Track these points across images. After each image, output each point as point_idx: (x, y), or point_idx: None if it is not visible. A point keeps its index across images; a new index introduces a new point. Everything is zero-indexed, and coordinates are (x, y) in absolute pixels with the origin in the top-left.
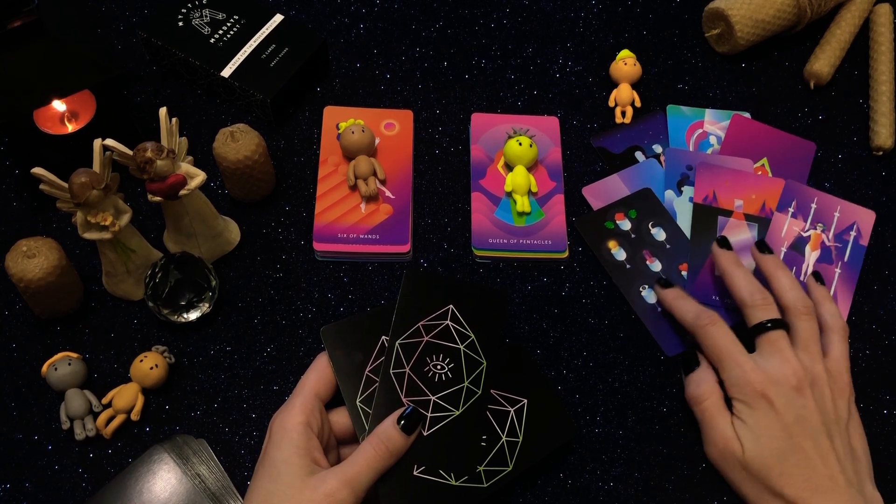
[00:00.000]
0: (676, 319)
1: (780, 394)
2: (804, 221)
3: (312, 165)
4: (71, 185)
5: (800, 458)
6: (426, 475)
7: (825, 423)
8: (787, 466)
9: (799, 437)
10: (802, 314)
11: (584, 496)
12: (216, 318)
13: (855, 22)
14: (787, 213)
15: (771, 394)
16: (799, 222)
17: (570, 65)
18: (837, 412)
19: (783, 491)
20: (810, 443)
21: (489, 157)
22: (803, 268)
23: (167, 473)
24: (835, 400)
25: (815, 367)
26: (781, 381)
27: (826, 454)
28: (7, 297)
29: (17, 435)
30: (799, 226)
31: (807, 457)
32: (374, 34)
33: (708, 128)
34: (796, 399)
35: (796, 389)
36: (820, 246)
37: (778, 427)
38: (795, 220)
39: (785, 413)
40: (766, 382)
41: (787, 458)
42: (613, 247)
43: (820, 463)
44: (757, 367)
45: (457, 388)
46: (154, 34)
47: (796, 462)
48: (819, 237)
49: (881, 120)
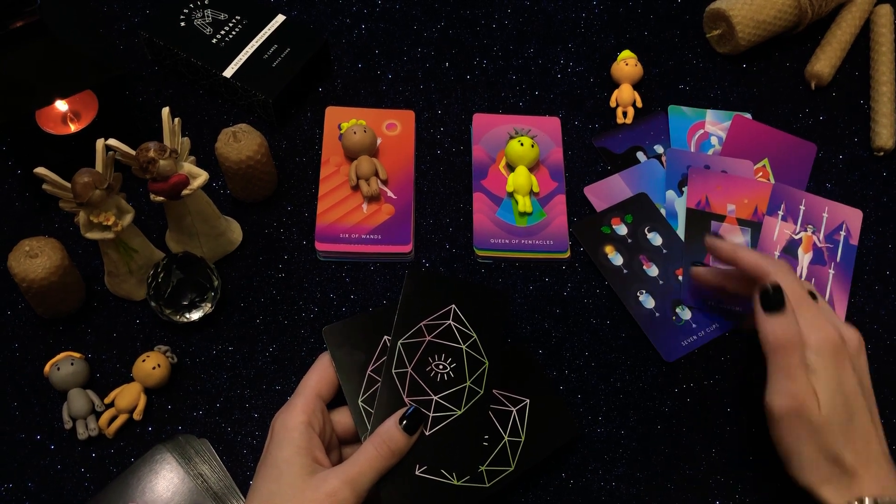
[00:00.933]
0: (743, 269)
1: (849, 351)
2: (794, 224)
3: (314, 165)
4: (73, 185)
5: (862, 424)
6: (428, 475)
7: (872, 393)
8: (853, 428)
9: (861, 404)
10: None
11: (586, 496)
12: (218, 318)
13: (856, 23)
14: (777, 217)
15: (842, 352)
16: (790, 225)
17: (571, 65)
18: (868, 375)
19: (843, 455)
20: (867, 412)
21: (491, 158)
22: (798, 270)
23: (169, 473)
24: (864, 360)
25: (841, 326)
26: (849, 340)
27: (878, 425)
28: (9, 296)
29: (20, 434)
30: (790, 228)
31: (866, 424)
32: (376, 34)
33: (709, 128)
34: (858, 361)
35: (858, 352)
36: (812, 247)
37: (849, 387)
38: (786, 223)
39: (851, 375)
40: (839, 340)
41: (854, 422)
42: (610, 252)
43: (874, 433)
44: (829, 322)
45: (459, 387)
46: (156, 34)
47: (860, 426)
48: (810, 239)
49: (882, 121)
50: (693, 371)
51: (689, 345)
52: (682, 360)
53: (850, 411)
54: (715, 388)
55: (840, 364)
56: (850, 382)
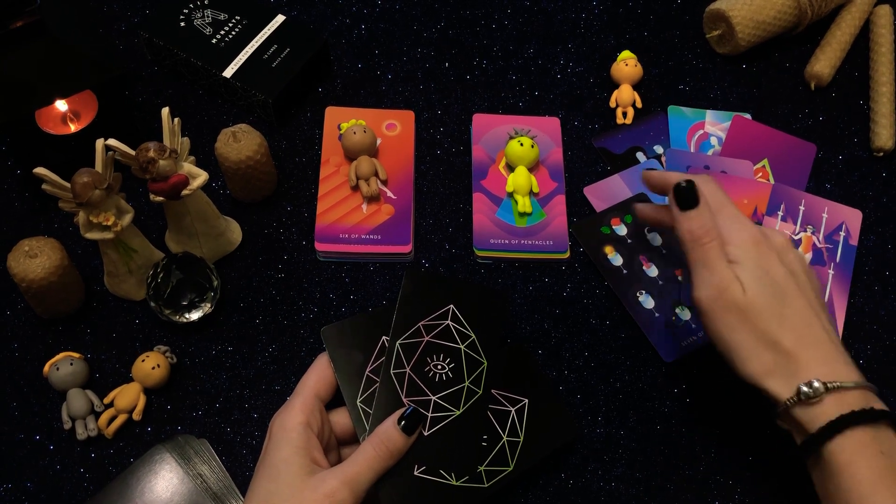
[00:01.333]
0: (664, 190)
1: (773, 246)
2: (794, 224)
3: (314, 166)
4: (73, 185)
5: (798, 307)
6: (427, 475)
7: (811, 282)
8: (788, 312)
9: (793, 288)
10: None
11: (585, 496)
12: (218, 319)
13: (855, 23)
14: (776, 217)
15: (765, 245)
16: (789, 225)
17: (571, 65)
18: (814, 275)
19: (781, 339)
20: (804, 297)
21: (490, 158)
22: None
23: (169, 473)
24: (801, 260)
25: (765, 228)
26: (771, 235)
27: (819, 311)
28: (9, 296)
29: (19, 435)
30: (790, 229)
31: (803, 308)
32: (376, 35)
33: (709, 129)
34: (787, 254)
35: (785, 248)
36: (812, 248)
37: (777, 274)
38: (786, 224)
39: (779, 264)
40: (760, 234)
41: (788, 303)
42: (610, 252)
43: (814, 317)
44: (750, 223)
45: (457, 388)
46: (156, 34)
47: (796, 309)
48: (810, 239)
49: (881, 121)
50: (692, 371)
51: (688, 345)
52: (682, 360)
53: (780, 294)
54: (714, 388)
55: (763, 253)
56: (777, 270)
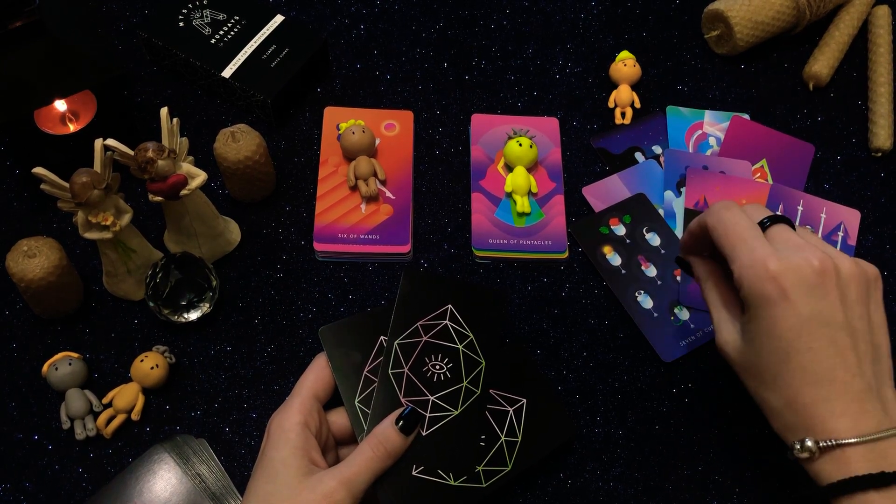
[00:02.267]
0: (696, 231)
1: (799, 282)
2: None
3: (313, 166)
4: (72, 185)
5: (807, 358)
6: (425, 475)
7: (848, 319)
8: (788, 368)
9: (810, 335)
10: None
11: (583, 496)
12: (216, 318)
13: (854, 24)
14: None
15: (787, 282)
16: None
17: (569, 66)
18: (865, 305)
19: (780, 391)
20: (825, 340)
21: (489, 158)
22: None
23: (167, 473)
24: (862, 290)
25: (839, 256)
26: (802, 266)
27: (843, 351)
28: (7, 296)
29: (18, 434)
30: None
31: (813, 358)
32: (375, 35)
33: (707, 129)
34: (817, 289)
35: (819, 275)
36: None
37: (786, 327)
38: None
39: (800, 305)
40: (782, 268)
41: (790, 361)
42: (608, 252)
43: (830, 362)
44: (774, 252)
45: (455, 387)
46: (155, 34)
47: (800, 364)
48: None
49: (880, 121)
50: (691, 371)
51: (687, 345)
52: (680, 360)
53: (785, 349)
54: (713, 388)
55: (785, 294)
56: (801, 311)
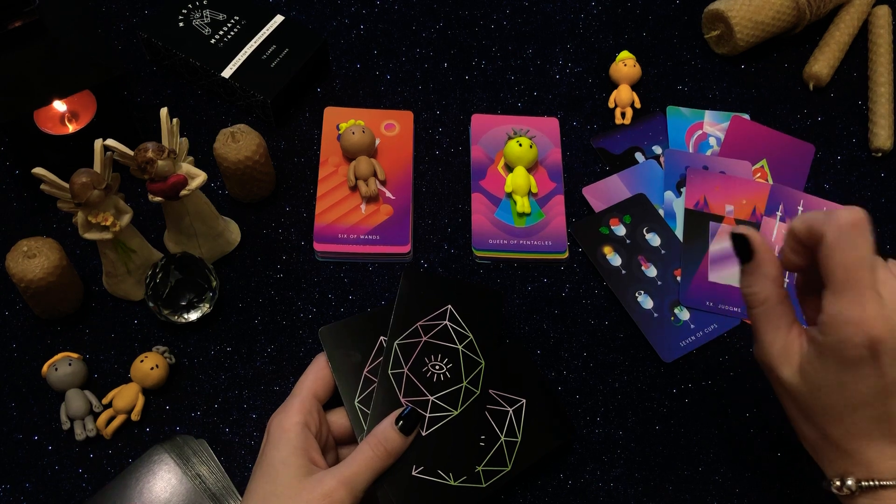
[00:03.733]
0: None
1: (894, 349)
2: None
3: (313, 166)
4: (72, 186)
5: (869, 414)
6: (425, 475)
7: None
8: (845, 414)
9: (883, 399)
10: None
11: (583, 496)
12: (216, 319)
13: (854, 24)
14: (775, 217)
15: (883, 347)
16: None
17: (569, 66)
18: None
19: (829, 429)
20: (879, 380)
21: (489, 158)
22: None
23: (167, 474)
24: None
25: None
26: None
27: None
28: (7, 297)
29: (18, 435)
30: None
31: (876, 410)
32: (375, 35)
33: (707, 129)
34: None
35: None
36: None
37: (864, 388)
38: (784, 224)
39: (888, 371)
40: (884, 330)
41: (853, 412)
42: (609, 252)
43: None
44: (881, 312)
45: (455, 388)
46: (155, 35)
47: (862, 416)
48: None
49: (880, 121)
50: (691, 372)
51: (687, 345)
52: (680, 360)
53: (835, 382)
54: (713, 388)
55: (877, 358)
56: (887, 377)
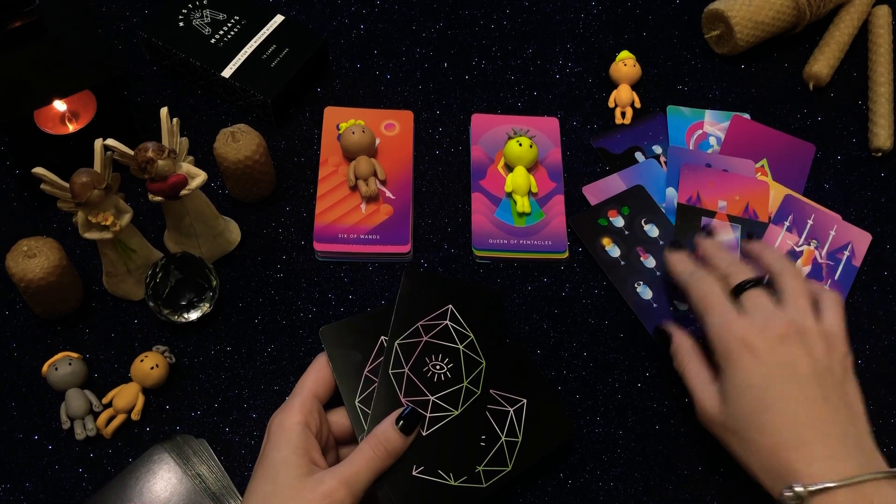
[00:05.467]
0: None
1: (764, 340)
2: (798, 236)
3: (313, 166)
4: (72, 185)
5: (782, 406)
6: (425, 475)
7: (816, 372)
8: (767, 417)
9: (782, 384)
10: (787, 273)
11: (583, 496)
12: (216, 318)
13: (854, 23)
14: (782, 226)
15: (754, 341)
16: (793, 236)
17: (570, 66)
18: (831, 365)
19: (762, 441)
20: (795, 389)
21: (489, 158)
22: None
23: (167, 473)
24: (829, 354)
25: (805, 320)
26: (767, 328)
27: (814, 401)
28: (7, 296)
29: (18, 435)
30: (793, 240)
31: (788, 405)
32: (375, 35)
33: (708, 129)
34: (781, 346)
35: (782, 337)
36: (811, 262)
37: (758, 376)
38: (790, 234)
39: (767, 359)
40: (748, 329)
41: (768, 410)
42: (607, 244)
43: (805, 409)
44: (740, 316)
45: (456, 388)
46: (155, 34)
47: (778, 411)
48: (812, 253)
49: (880, 121)
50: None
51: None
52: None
53: (761, 399)
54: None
55: (753, 351)
56: (768, 364)
